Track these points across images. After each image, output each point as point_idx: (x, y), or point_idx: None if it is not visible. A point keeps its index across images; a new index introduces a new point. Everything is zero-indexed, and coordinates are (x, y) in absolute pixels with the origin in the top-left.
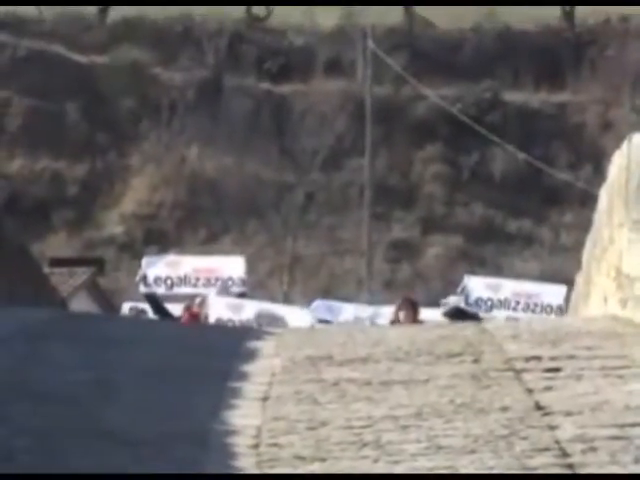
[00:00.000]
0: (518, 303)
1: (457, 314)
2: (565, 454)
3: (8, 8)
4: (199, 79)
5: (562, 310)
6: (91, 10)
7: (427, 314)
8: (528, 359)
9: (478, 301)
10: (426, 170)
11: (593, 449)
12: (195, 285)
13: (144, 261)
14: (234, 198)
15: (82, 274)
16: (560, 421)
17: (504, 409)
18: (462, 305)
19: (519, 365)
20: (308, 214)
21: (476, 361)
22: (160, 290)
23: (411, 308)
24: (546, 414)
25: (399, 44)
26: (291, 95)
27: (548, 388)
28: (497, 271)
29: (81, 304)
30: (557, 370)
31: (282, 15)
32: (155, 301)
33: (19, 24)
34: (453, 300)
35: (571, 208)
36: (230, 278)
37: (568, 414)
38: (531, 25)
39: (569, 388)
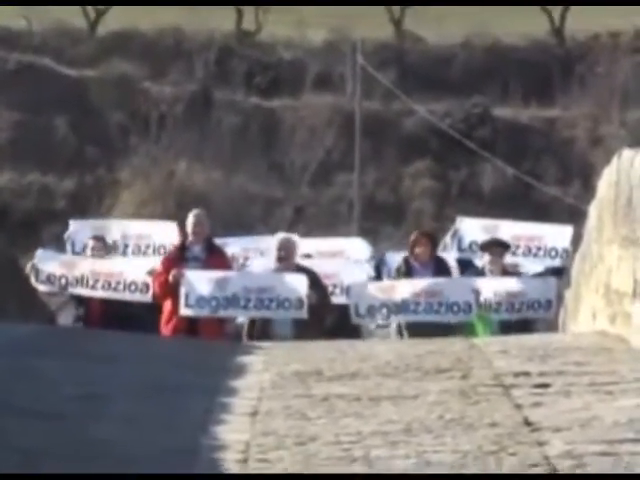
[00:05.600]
0: (518, 247)
1: (495, 244)
2: (554, 470)
3: None
4: (188, 93)
5: (568, 254)
6: (81, 23)
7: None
8: (517, 375)
9: (472, 245)
10: (415, 185)
11: (582, 465)
12: (94, 287)
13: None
14: (223, 212)
15: None
16: (549, 437)
17: (493, 425)
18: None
19: (508, 381)
20: (297, 229)
21: (465, 377)
22: (53, 289)
23: (429, 243)
24: (535, 430)
25: (389, 59)
26: (280, 110)
27: (537, 404)
28: None
29: (70, 319)
30: (546, 386)
31: (272, 30)
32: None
33: (8, 37)
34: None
35: (560, 223)
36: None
37: (557, 430)
38: (520, 41)
39: (558, 404)
